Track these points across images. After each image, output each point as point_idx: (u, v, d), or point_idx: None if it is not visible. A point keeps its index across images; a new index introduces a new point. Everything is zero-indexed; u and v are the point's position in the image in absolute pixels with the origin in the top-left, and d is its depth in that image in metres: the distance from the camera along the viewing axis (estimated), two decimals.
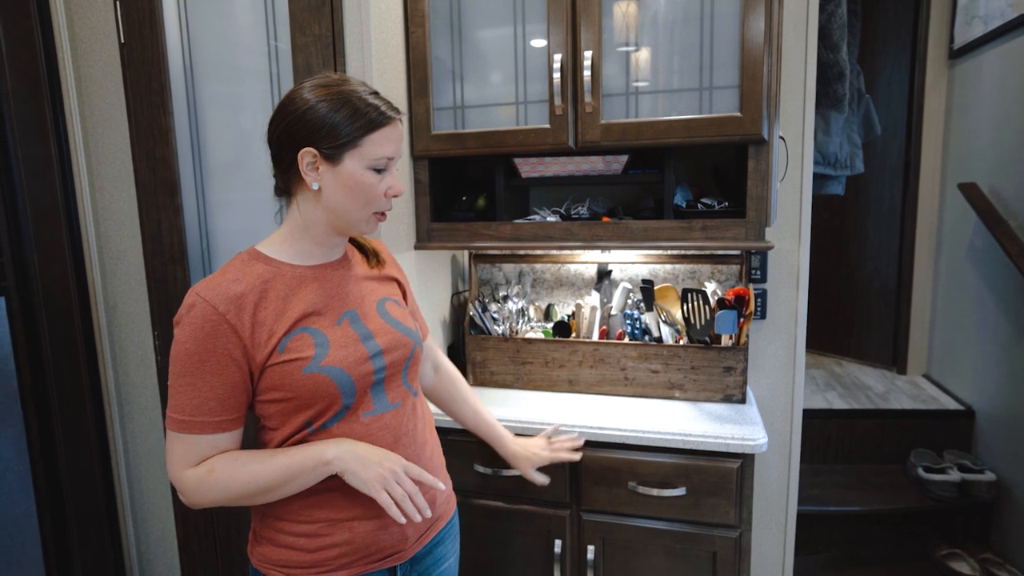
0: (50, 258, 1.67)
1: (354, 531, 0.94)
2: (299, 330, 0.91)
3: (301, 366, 0.89)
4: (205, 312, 0.86)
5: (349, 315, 0.98)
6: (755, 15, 1.37)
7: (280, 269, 0.94)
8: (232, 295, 0.88)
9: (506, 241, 1.62)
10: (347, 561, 0.94)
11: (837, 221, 3.32)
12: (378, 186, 0.94)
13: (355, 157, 0.91)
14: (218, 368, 0.87)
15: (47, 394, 1.66)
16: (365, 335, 0.97)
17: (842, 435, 2.56)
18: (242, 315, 0.88)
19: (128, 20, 1.68)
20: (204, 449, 0.89)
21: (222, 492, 0.88)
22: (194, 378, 0.87)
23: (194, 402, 0.87)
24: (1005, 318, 2.29)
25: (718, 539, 1.39)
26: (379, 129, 0.92)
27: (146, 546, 1.94)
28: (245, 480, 0.88)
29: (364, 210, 0.94)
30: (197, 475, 0.88)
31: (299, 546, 0.93)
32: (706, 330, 1.55)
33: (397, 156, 0.96)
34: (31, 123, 1.62)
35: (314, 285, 0.96)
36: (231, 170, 1.70)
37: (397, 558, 0.99)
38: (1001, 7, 2.31)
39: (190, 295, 0.88)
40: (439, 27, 1.60)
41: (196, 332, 0.86)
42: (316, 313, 0.94)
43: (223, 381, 0.87)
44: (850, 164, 2.26)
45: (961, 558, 2.17)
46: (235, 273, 0.91)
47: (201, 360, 0.86)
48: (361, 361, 0.94)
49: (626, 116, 1.49)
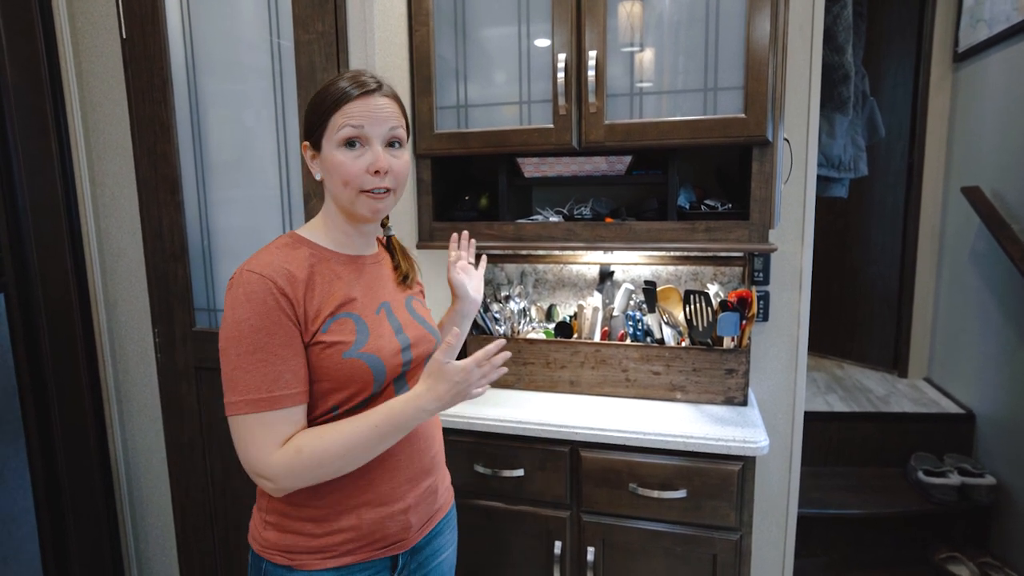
0: (50, 255, 1.66)
1: (362, 517, 0.95)
2: (342, 314, 0.93)
3: (342, 350, 0.91)
4: (266, 287, 0.87)
5: (384, 307, 1.01)
6: (760, 16, 1.36)
7: (324, 254, 0.97)
8: (287, 272, 0.89)
9: (508, 241, 1.62)
10: (352, 547, 0.95)
11: (840, 224, 3.31)
12: (353, 163, 0.93)
13: (328, 140, 0.94)
14: (287, 339, 0.87)
15: (46, 391, 1.65)
16: (397, 328, 1.00)
17: (843, 438, 2.56)
18: (297, 292, 0.89)
19: (130, 15, 1.67)
20: (286, 426, 0.87)
21: (316, 469, 0.87)
22: (265, 353, 0.86)
23: (269, 377, 0.86)
24: (1007, 322, 2.29)
25: (718, 542, 1.38)
26: (341, 106, 0.92)
27: (144, 544, 1.93)
28: (342, 449, 0.87)
29: (346, 190, 0.94)
30: (286, 458, 0.86)
31: (306, 531, 0.94)
32: (708, 332, 1.54)
33: (372, 129, 0.93)
34: (31, 118, 1.61)
35: (355, 274, 0.99)
36: (233, 167, 1.70)
37: (400, 546, 1.00)
38: (1006, 10, 2.30)
39: (243, 274, 0.88)
40: (443, 26, 1.59)
41: (259, 307, 0.86)
42: (357, 300, 0.97)
43: (294, 352, 0.88)
44: (854, 167, 2.25)
45: (961, 562, 2.17)
46: (284, 254, 0.93)
47: (270, 333, 0.86)
48: (395, 352, 0.97)
49: (630, 116, 1.49)
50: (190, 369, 1.77)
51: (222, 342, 0.88)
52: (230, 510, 1.81)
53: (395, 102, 0.98)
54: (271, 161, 1.65)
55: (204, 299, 1.77)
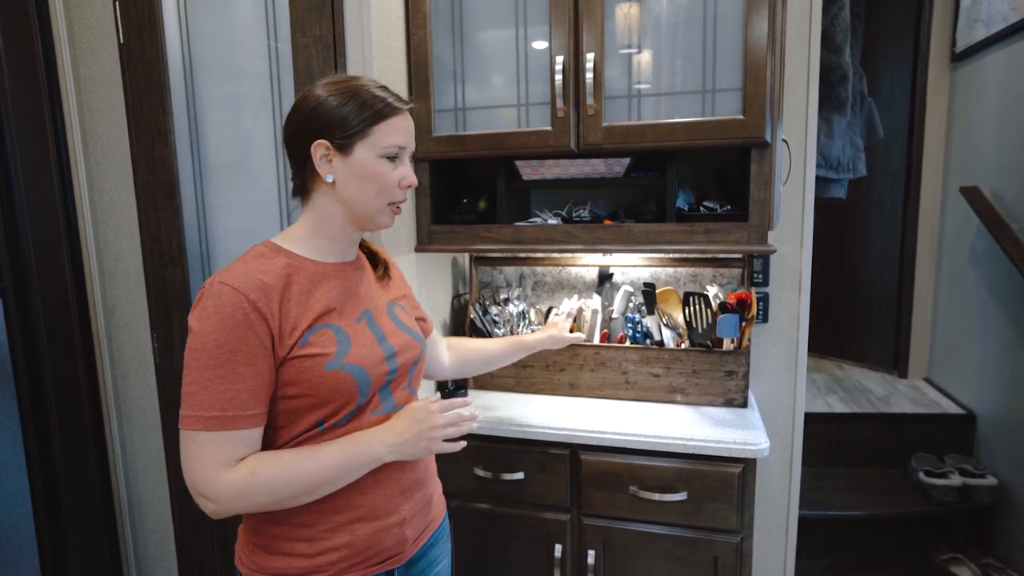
0: (48, 259, 1.66)
1: (356, 533, 0.93)
2: (321, 326, 0.91)
3: (322, 362, 0.88)
4: (235, 300, 0.83)
5: (366, 315, 0.99)
6: (758, 17, 1.36)
7: (302, 263, 0.93)
8: (261, 284, 0.86)
9: (507, 244, 1.62)
10: (346, 565, 0.93)
11: (839, 224, 3.31)
12: (391, 175, 0.95)
13: (366, 147, 0.92)
14: (250, 358, 0.84)
15: (44, 396, 1.65)
16: (380, 336, 0.98)
17: (843, 439, 2.55)
18: (271, 304, 0.86)
19: (127, 20, 1.67)
20: (237, 447, 0.85)
21: (267, 496, 0.84)
22: (225, 370, 0.83)
23: (226, 396, 0.83)
24: (1006, 321, 2.29)
25: (719, 544, 1.38)
26: (388, 118, 0.93)
27: (144, 549, 1.93)
28: (296, 479, 0.85)
29: (379, 199, 0.95)
30: (238, 479, 0.83)
31: (297, 551, 0.91)
32: (708, 334, 1.54)
33: (409, 146, 0.97)
34: (29, 123, 1.61)
35: (335, 283, 0.96)
36: (231, 171, 1.70)
37: (396, 560, 0.98)
38: (1003, 10, 2.30)
39: (213, 285, 0.85)
40: (441, 28, 1.59)
41: (226, 321, 0.83)
42: (336, 310, 0.94)
43: (256, 371, 0.85)
44: (852, 167, 2.25)
45: (962, 563, 2.16)
46: (259, 264, 0.90)
47: (233, 351, 0.83)
48: (379, 362, 0.95)
49: (628, 118, 1.49)
50: None
51: (185, 353, 0.85)
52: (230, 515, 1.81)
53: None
54: (269, 165, 1.65)
55: None
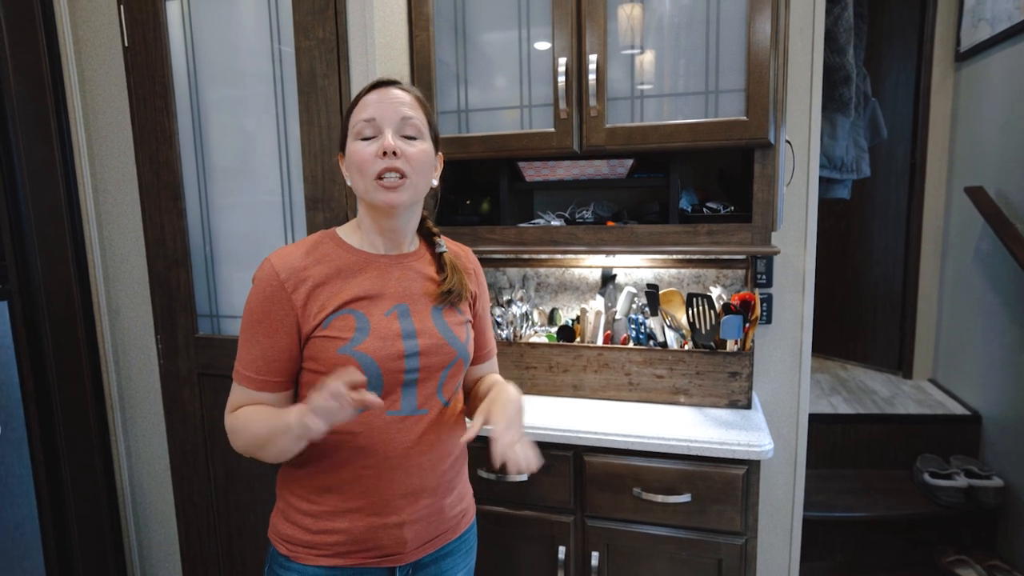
0: (53, 261, 1.67)
1: (353, 523, 0.97)
2: (346, 311, 0.95)
3: (338, 345, 0.93)
4: (269, 277, 0.94)
5: (400, 308, 0.98)
6: (761, 18, 1.36)
7: (348, 252, 0.99)
8: (297, 267, 0.95)
9: (510, 245, 1.62)
10: (344, 551, 0.97)
11: (843, 225, 3.30)
12: (365, 151, 0.95)
13: (349, 139, 0.98)
14: (269, 331, 0.94)
15: (50, 398, 1.66)
16: (408, 332, 0.97)
17: (848, 440, 2.54)
18: (300, 287, 0.94)
19: (132, 23, 1.68)
20: (245, 400, 0.97)
21: (241, 439, 0.96)
22: (250, 335, 0.95)
23: (248, 357, 0.95)
24: (1012, 322, 2.27)
25: (723, 546, 1.38)
26: (358, 103, 0.98)
27: (148, 551, 1.93)
28: (252, 432, 0.94)
29: (363, 179, 0.95)
30: (232, 420, 0.97)
31: (304, 525, 0.97)
32: (711, 335, 1.54)
33: (382, 118, 0.94)
34: (35, 126, 1.62)
35: (374, 273, 0.99)
36: (235, 173, 1.70)
37: (396, 559, 0.99)
38: (1008, 9, 2.29)
39: (265, 260, 0.96)
40: (443, 30, 1.59)
41: (259, 294, 0.94)
42: (368, 298, 0.97)
43: (273, 343, 0.94)
44: (856, 168, 2.25)
45: (968, 565, 2.15)
46: (306, 248, 0.98)
47: (257, 320, 0.94)
48: (394, 357, 0.94)
49: (631, 120, 1.49)
50: (193, 375, 1.77)
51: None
52: (233, 516, 1.81)
53: (413, 96, 0.99)
54: (272, 167, 1.66)
55: (206, 305, 1.77)
